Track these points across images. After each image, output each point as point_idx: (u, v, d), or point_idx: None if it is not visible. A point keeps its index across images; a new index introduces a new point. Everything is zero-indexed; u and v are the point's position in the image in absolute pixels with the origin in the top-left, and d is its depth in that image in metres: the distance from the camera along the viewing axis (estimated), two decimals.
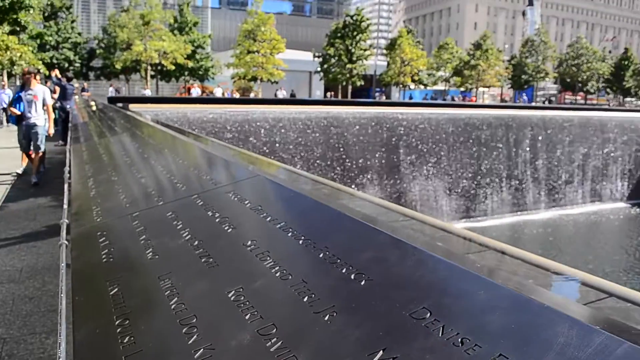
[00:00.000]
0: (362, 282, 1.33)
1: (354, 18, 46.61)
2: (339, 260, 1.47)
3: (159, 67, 43.56)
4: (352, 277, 1.36)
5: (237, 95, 39.70)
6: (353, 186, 23.89)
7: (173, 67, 42.62)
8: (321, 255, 1.52)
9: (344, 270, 1.41)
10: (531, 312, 1.14)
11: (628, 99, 73.62)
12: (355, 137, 24.64)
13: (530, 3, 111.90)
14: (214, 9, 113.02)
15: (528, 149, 32.47)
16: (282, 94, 40.74)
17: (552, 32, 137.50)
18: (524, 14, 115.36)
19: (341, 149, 24.05)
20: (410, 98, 57.59)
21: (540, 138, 33.30)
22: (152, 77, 44.98)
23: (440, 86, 64.84)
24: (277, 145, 21.52)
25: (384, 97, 56.29)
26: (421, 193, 27.04)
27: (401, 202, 25.52)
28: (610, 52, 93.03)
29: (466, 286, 1.30)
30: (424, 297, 1.24)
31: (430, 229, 4.28)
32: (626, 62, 68.72)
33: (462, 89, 61.27)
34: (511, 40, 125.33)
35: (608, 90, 72.95)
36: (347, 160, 24.17)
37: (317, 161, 23.07)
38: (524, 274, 3.28)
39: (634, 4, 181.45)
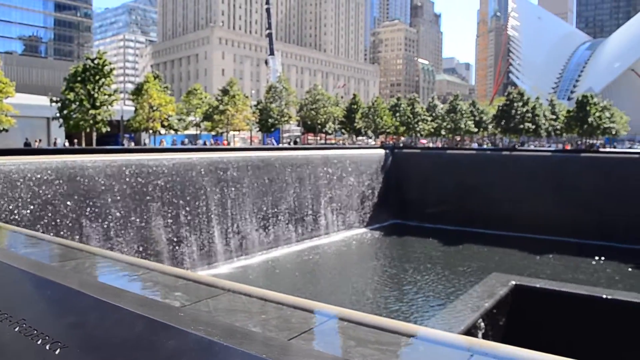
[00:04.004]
0: (57, 351, 1.32)
1: (96, 61, 44.31)
2: (35, 332, 1.43)
3: None
4: (48, 347, 1.35)
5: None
6: (101, 236, 22.58)
7: None
8: (17, 329, 1.47)
9: (39, 342, 1.38)
10: (212, 353, 1.28)
11: (360, 137, 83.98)
12: (101, 186, 23.31)
13: (272, 53, 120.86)
14: None
15: (279, 186, 34.57)
16: None
17: (293, 79, 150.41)
18: (266, 62, 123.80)
19: (87, 200, 22.50)
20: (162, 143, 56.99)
21: (286, 176, 35.69)
22: None
23: (192, 130, 65.64)
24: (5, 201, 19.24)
25: (132, 144, 54.59)
26: (173, 238, 26.70)
27: (149, 249, 24.89)
28: (342, 97, 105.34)
29: (158, 337, 1.40)
30: (117, 356, 1.30)
31: (170, 279, 4.30)
32: (355, 106, 78.55)
33: (213, 133, 62.89)
34: (257, 87, 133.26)
35: (343, 130, 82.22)
36: (94, 211, 22.69)
37: (61, 209, 21.23)
38: (243, 309, 3.52)
39: (358, 56, 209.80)
